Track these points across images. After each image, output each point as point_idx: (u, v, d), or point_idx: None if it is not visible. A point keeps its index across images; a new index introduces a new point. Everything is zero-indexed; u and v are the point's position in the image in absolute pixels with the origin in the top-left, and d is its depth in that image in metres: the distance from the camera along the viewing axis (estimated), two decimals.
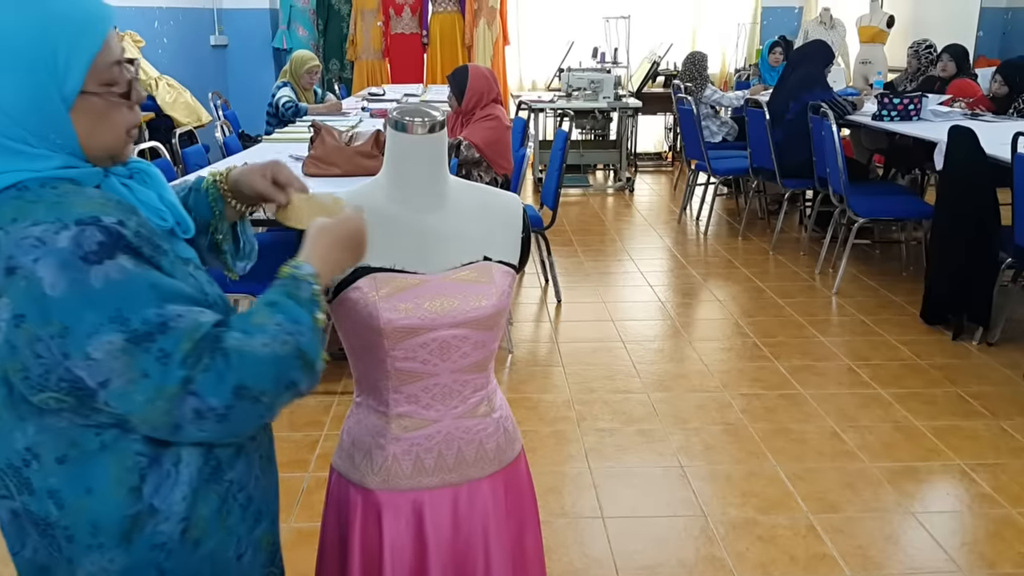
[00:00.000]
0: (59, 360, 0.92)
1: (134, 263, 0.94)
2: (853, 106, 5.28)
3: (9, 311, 0.91)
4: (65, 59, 0.97)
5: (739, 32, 9.15)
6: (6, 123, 0.96)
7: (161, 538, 1.03)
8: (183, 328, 0.95)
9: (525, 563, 1.45)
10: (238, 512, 1.11)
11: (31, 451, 0.98)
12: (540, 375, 3.66)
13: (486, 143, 3.91)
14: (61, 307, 0.91)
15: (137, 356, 0.92)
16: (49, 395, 0.94)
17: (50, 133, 0.98)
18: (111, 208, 0.97)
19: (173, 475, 1.03)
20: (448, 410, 1.32)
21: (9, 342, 0.92)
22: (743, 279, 4.99)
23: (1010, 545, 2.46)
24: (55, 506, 1.00)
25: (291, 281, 1.05)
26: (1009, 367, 3.67)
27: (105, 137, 1.03)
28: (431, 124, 1.25)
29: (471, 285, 1.28)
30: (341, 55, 8.82)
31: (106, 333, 0.91)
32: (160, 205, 1.06)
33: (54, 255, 0.91)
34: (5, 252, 0.92)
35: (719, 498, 2.71)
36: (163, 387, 0.93)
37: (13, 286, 0.91)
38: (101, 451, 0.99)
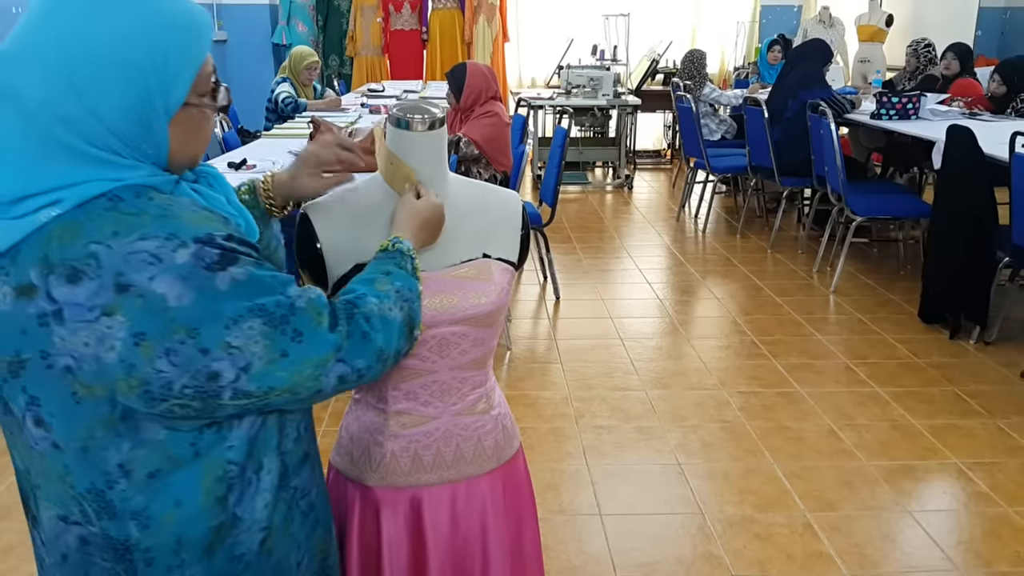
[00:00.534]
0: (196, 360, 0.91)
1: (251, 263, 0.96)
2: (852, 104, 5.28)
3: (125, 330, 0.89)
4: (176, 69, 0.95)
5: (738, 30, 9.15)
6: (100, 132, 0.92)
7: (241, 549, 1.03)
8: (307, 307, 0.97)
9: (523, 560, 1.45)
10: (299, 519, 1.11)
11: (123, 468, 0.96)
12: (538, 372, 3.67)
13: (485, 140, 3.91)
14: (190, 314, 0.90)
15: (275, 338, 0.94)
16: (173, 403, 0.93)
17: (143, 144, 0.95)
18: (216, 222, 0.96)
19: (255, 483, 1.03)
20: (447, 407, 1.32)
21: (125, 361, 0.90)
22: (741, 277, 4.99)
23: (1006, 544, 2.47)
24: (138, 527, 0.98)
25: (398, 255, 1.13)
26: (1006, 366, 3.67)
27: (194, 148, 1.02)
28: (431, 121, 1.25)
29: (470, 282, 1.28)
30: (341, 51, 8.81)
31: (245, 320, 0.92)
32: (230, 209, 1.06)
33: (172, 271, 0.89)
34: (112, 268, 0.88)
35: (716, 496, 2.71)
36: (309, 359, 0.96)
37: (128, 304, 0.89)
38: (195, 460, 0.98)
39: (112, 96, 0.92)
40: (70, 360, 0.91)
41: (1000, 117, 5.19)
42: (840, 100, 5.19)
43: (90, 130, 0.92)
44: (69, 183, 0.92)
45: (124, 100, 0.92)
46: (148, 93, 0.93)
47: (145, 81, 0.93)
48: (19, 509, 2.68)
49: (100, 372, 0.90)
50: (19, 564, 2.36)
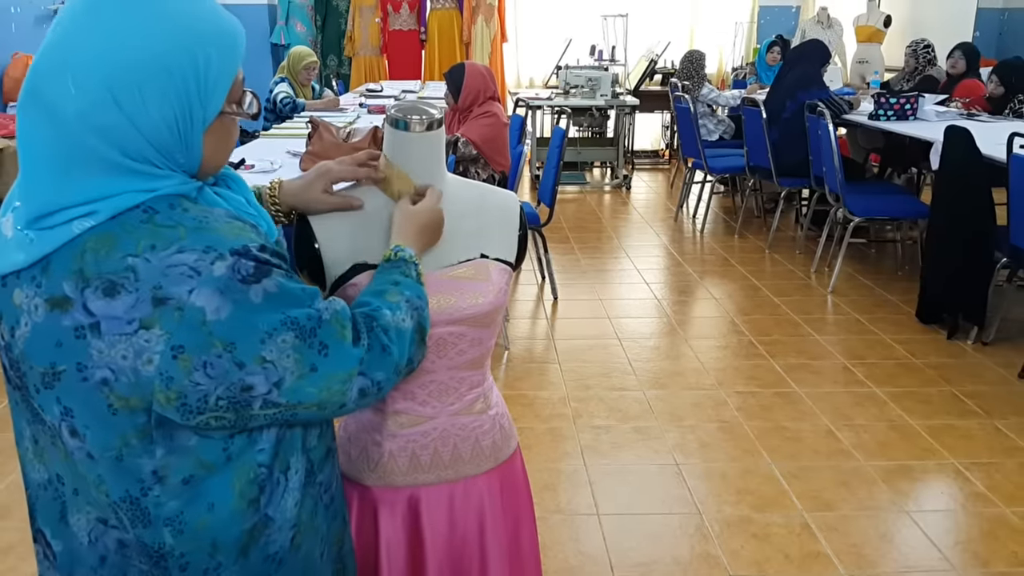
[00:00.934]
0: (231, 373, 0.92)
1: (282, 275, 0.96)
2: (850, 105, 5.29)
3: (164, 343, 0.89)
4: (215, 79, 0.95)
5: (736, 31, 9.15)
6: (137, 142, 0.92)
7: (274, 547, 1.04)
8: (332, 319, 0.99)
9: (521, 560, 1.45)
10: (323, 512, 1.13)
11: (157, 474, 0.96)
12: (536, 372, 3.67)
13: (483, 140, 3.91)
14: (228, 327, 0.91)
15: (304, 352, 0.96)
16: (209, 416, 0.94)
17: (177, 153, 0.95)
18: (250, 232, 0.96)
19: (283, 483, 1.04)
20: (444, 407, 1.32)
21: (164, 374, 0.90)
22: (739, 277, 5.00)
23: (1004, 544, 2.47)
24: (172, 533, 0.98)
25: (402, 263, 1.15)
26: (1004, 366, 3.68)
27: (223, 156, 1.02)
28: (429, 122, 1.25)
29: (468, 282, 1.28)
30: (339, 51, 8.81)
31: (279, 333, 0.93)
32: (251, 210, 1.06)
33: (211, 284, 0.89)
34: (150, 282, 0.89)
35: (714, 496, 2.72)
36: (336, 373, 0.98)
37: (166, 317, 0.89)
38: (227, 464, 0.99)
39: (153, 106, 0.91)
40: (107, 372, 0.91)
41: (997, 118, 5.20)
42: (838, 101, 5.20)
43: (127, 140, 0.91)
44: (103, 195, 0.91)
45: (164, 110, 0.92)
46: (188, 103, 0.93)
47: (187, 91, 0.93)
48: (20, 509, 2.69)
49: (138, 384, 0.91)
50: (19, 564, 2.36)
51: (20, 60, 5.20)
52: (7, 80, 5.18)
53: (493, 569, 1.37)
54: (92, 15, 0.91)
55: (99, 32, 0.90)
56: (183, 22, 0.93)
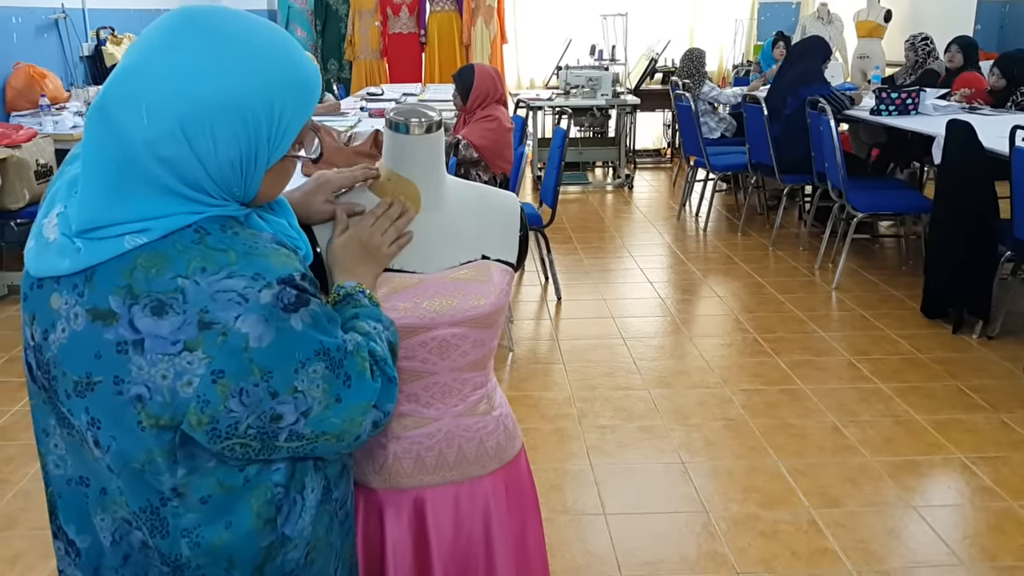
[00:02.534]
0: (264, 402, 0.93)
1: (318, 304, 0.98)
2: (851, 101, 5.28)
3: (205, 367, 0.90)
4: (287, 126, 0.96)
5: (736, 28, 9.15)
6: (199, 176, 0.92)
7: (290, 565, 1.05)
8: (355, 351, 1.01)
9: (528, 560, 1.45)
10: (338, 528, 1.13)
11: (176, 491, 0.97)
12: (541, 373, 3.67)
13: (485, 143, 3.91)
14: (268, 355, 0.92)
15: (332, 382, 0.97)
16: (235, 442, 0.95)
17: (236, 188, 0.96)
18: (295, 261, 0.98)
19: (300, 502, 1.05)
20: (448, 408, 1.32)
21: (201, 397, 0.91)
22: (743, 275, 4.99)
23: (1011, 538, 2.47)
24: (189, 546, 0.99)
25: (348, 298, 1.14)
26: (1009, 360, 3.67)
27: (278, 191, 1.05)
28: (428, 124, 1.26)
29: (469, 284, 1.28)
30: (339, 55, 8.82)
31: (312, 364, 0.95)
32: (292, 234, 1.07)
33: (257, 311, 0.91)
34: (198, 305, 0.90)
35: (720, 494, 2.72)
36: (358, 404, 1.00)
37: (210, 341, 0.90)
38: (244, 487, 0.99)
39: (222, 147, 0.92)
40: (143, 390, 0.92)
41: (1000, 111, 5.19)
42: (839, 96, 5.19)
43: (190, 173, 0.92)
44: (157, 215, 0.92)
45: (232, 152, 0.93)
46: (256, 147, 0.94)
47: (258, 136, 0.94)
48: (26, 517, 2.70)
49: (172, 405, 0.92)
50: (27, 572, 2.37)
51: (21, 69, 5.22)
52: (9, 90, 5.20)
53: (499, 570, 1.37)
54: (175, 46, 0.91)
55: (179, 66, 0.90)
56: (265, 66, 0.93)
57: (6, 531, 2.54)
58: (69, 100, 5.52)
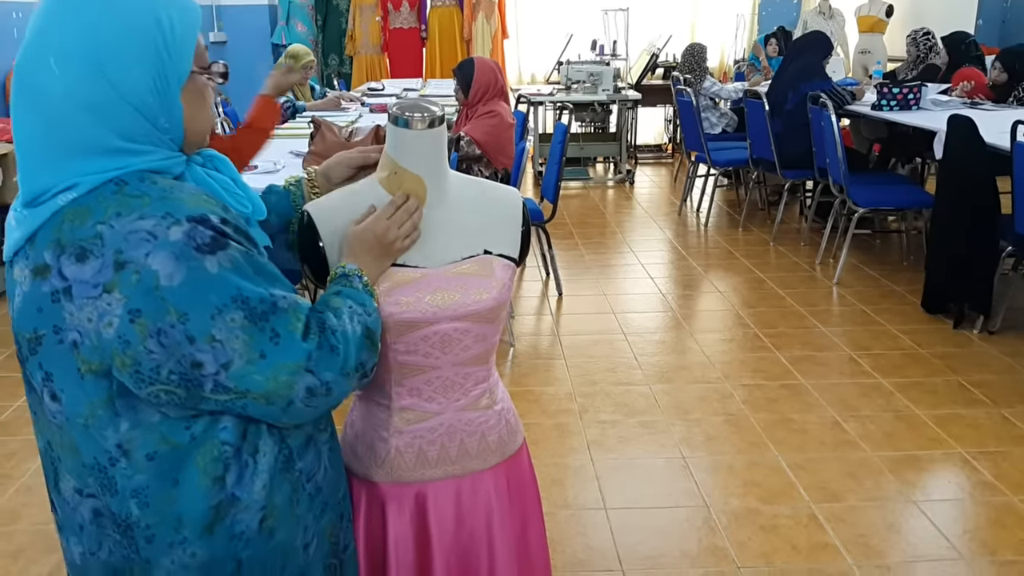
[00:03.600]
0: (183, 346, 0.95)
1: (241, 252, 0.99)
2: (853, 96, 5.28)
3: (123, 307, 0.94)
4: (181, 37, 1.01)
5: (738, 23, 9.13)
6: (124, 111, 0.98)
7: (240, 527, 1.06)
8: (287, 308, 1.01)
9: (529, 555, 1.46)
10: (306, 501, 1.13)
11: (121, 448, 1.00)
12: (542, 368, 3.67)
13: (486, 139, 3.91)
14: (180, 295, 0.94)
15: (255, 336, 0.98)
16: (160, 388, 0.97)
17: (162, 117, 1.01)
18: (214, 205, 1.00)
19: (252, 465, 1.06)
20: (450, 403, 1.33)
21: (122, 337, 0.95)
22: (744, 270, 4.99)
23: (1012, 532, 2.47)
24: (138, 505, 1.02)
25: (342, 278, 1.16)
26: (1010, 355, 3.67)
27: (203, 121, 1.08)
28: (431, 119, 1.26)
29: (471, 279, 1.28)
30: (340, 50, 8.82)
31: (229, 311, 0.96)
32: (237, 190, 1.11)
33: (167, 248, 0.94)
34: (113, 246, 0.94)
35: (721, 488, 2.72)
36: (285, 364, 1.00)
37: (125, 281, 0.93)
38: (191, 444, 1.02)
39: (134, 69, 0.97)
40: (76, 335, 0.96)
41: (1001, 106, 5.18)
42: (841, 92, 5.19)
43: (114, 111, 0.98)
44: (86, 173, 0.98)
45: (143, 71, 0.98)
46: (161, 61, 0.99)
47: (157, 49, 0.99)
48: (28, 512, 2.71)
49: (100, 348, 0.96)
50: (29, 566, 2.38)
51: None
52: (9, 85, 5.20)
53: (501, 563, 1.37)
54: (61, 4, 0.99)
55: (71, 15, 0.97)
56: None
57: (8, 526, 2.55)
58: None
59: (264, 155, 3.93)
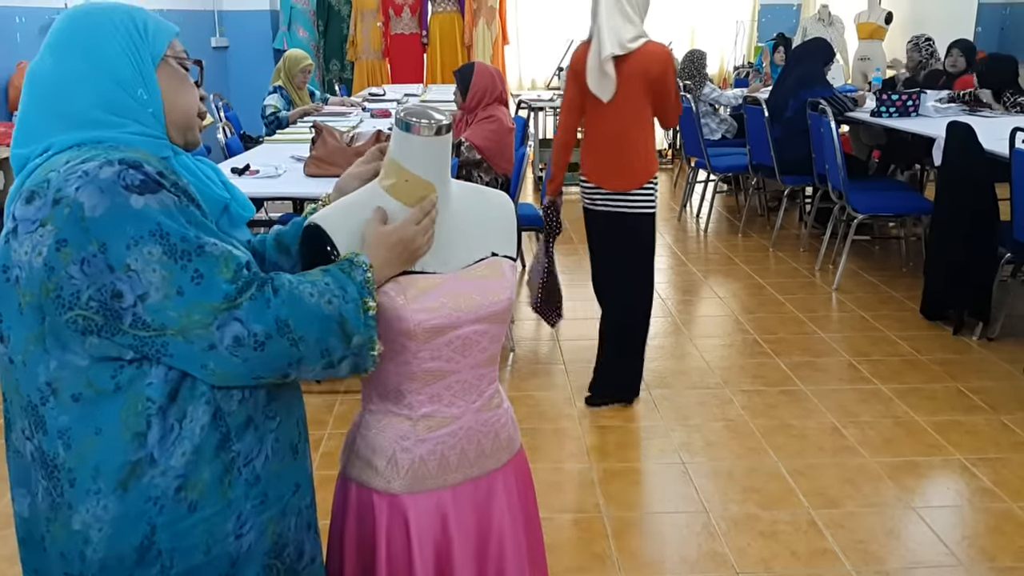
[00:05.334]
0: (104, 275, 0.99)
1: (173, 200, 1.04)
2: (854, 102, 5.29)
3: (52, 237, 1.00)
4: (154, 29, 1.14)
5: (738, 30, 9.16)
6: (103, 83, 1.09)
7: (156, 491, 1.06)
8: (218, 255, 1.04)
9: (531, 549, 1.49)
10: (242, 487, 1.12)
11: (50, 386, 1.05)
12: (542, 373, 3.68)
13: (487, 144, 3.92)
14: (100, 224, 0.99)
15: (174, 272, 1.01)
16: (78, 312, 1.01)
17: (139, 89, 1.11)
18: (156, 163, 1.07)
19: (176, 430, 1.07)
20: (468, 405, 1.35)
21: (48, 264, 1.00)
22: (743, 276, 5.00)
23: (1011, 539, 2.47)
24: (63, 446, 1.06)
25: (347, 263, 1.16)
26: (1009, 362, 3.68)
27: (184, 100, 1.17)
28: (438, 126, 1.26)
29: (487, 281, 1.31)
30: (341, 56, 8.83)
31: (145, 244, 1.00)
32: (221, 186, 1.19)
33: (95, 183, 1.00)
34: (55, 187, 1.02)
35: (720, 494, 2.72)
36: (200, 302, 1.02)
37: (57, 214, 1.00)
38: (115, 393, 1.05)
39: (107, 44, 1.10)
40: (18, 270, 1.03)
41: (1000, 112, 5.19)
42: (842, 99, 5.20)
43: (94, 81, 1.09)
44: (65, 143, 1.08)
45: (117, 45, 1.10)
46: (135, 42, 1.12)
47: (130, 33, 1.12)
48: None
49: (32, 278, 1.02)
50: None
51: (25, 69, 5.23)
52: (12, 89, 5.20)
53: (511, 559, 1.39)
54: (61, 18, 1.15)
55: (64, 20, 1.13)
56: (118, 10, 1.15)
57: (6, 530, 2.55)
58: None
59: (265, 160, 3.94)
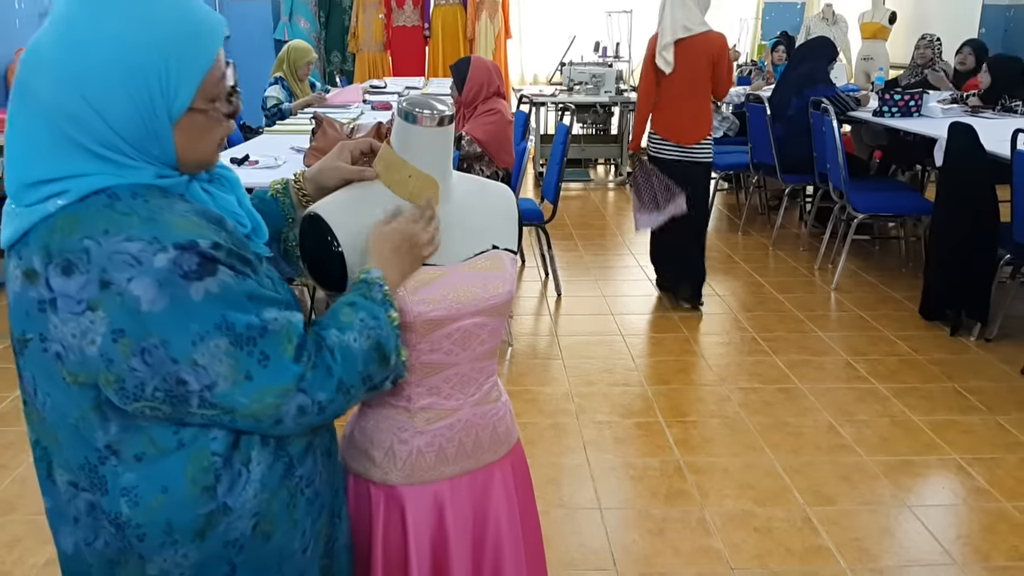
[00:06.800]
0: (166, 365, 0.94)
1: (231, 276, 0.98)
2: (857, 102, 5.28)
3: (106, 325, 0.93)
4: (177, 76, 0.98)
5: (742, 28, 9.14)
6: (107, 133, 0.97)
7: (234, 534, 1.05)
8: (279, 330, 1.00)
9: (529, 543, 1.49)
10: (304, 506, 1.13)
11: (110, 448, 1.00)
12: (540, 368, 3.68)
13: (488, 137, 3.91)
14: (161, 321, 0.93)
15: (241, 360, 0.97)
16: (144, 404, 0.97)
17: (149, 146, 0.99)
18: (205, 229, 0.98)
19: (244, 474, 1.05)
20: (467, 398, 1.35)
21: (105, 356, 0.94)
22: (743, 274, 5.00)
23: (1004, 538, 2.48)
24: (128, 504, 1.01)
25: (363, 285, 1.14)
26: (1006, 363, 3.68)
27: (202, 151, 1.05)
28: (440, 117, 1.25)
29: (487, 273, 1.31)
30: (343, 47, 8.82)
31: (211, 338, 0.95)
32: (239, 210, 1.09)
33: (150, 275, 0.92)
34: (98, 265, 0.93)
35: (716, 490, 2.73)
36: (272, 386, 0.99)
37: (108, 301, 0.93)
38: (178, 450, 1.01)
39: (117, 101, 0.96)
40: (60, 348, 0.96)
41: (1002, 114, 5.18)
42: (844, 98, 5.19)
43: (97, 131, 0.96)
44: (75, 173, 0.97)
45: (128, 105, 0.96)
46: (151, 99, 0.97)
47: (148, 87, 0.96)
48: (24, 502, 2.71)
49: (84, 363, 0.96)
50: (25, 555, 2.38)
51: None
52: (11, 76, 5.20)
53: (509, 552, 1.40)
54: (69, 13, 0.97)
55: (73, 31, 0.96)
56: (149, 20, 0.96)
57: (4, 516, 2.55)
58: None
59: (265, 151, 3.94)
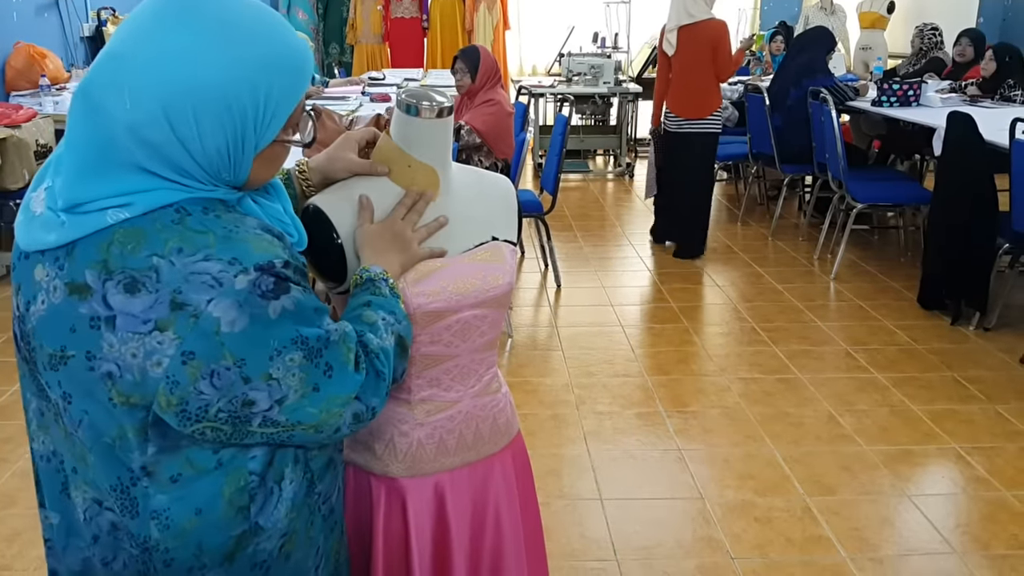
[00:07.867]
0: (236, 386, 0.92)
1: (300, 292, 0.96)
2: (856, 92, 5.27)
3: (176, 347, 0.89)
4: (273, 112, 0.95)
5: (740, 17, 9.11)
6: (185, 162, 0.92)
7: (262, 556, 1.03)
8: (338, 340, 0.99)
9: (529, 535, 1.49)
10: (320, 523, 1.11)
11: (145, 469, 0.96)
12: (540, 359, 3.68)
13: (487, 128, 3.91)
14: (240, 341, 0.90)
15: (310, 372, 0.96)
16: (206, 425, 0.94)
17: (224, 173, 0.95)
18: (277, 247, 0.95)
19: (277, 492, 1.03)
20: (467, 390, 1.35)
21: (171, 378, 0.90)
22: (742, 264, 5.00)
23: (1004, 527, 2.49)
24: (158, 528, 0.98)
25: (369, 283, 1.13)
26: (1005, 352, 3.69)
27: (269, 175, 1.02)
28: (440, 108, 1.25)
29: (487, 265, 1.31)
30: (341, 39, 8.79)
31: (288, 352, 0.94)
32: (286, 219, 1.06)
33: (231, 296, 0.89)
34: (171, 285, 0.88)
35: (716, 481, 2.73)
36: (338, 396, 0.98)
37: (181, 323, 0.89)
38: (216, 469, 0.98)
39: (207, 134, 0.91)
40: (113, 367, 0.91)
41: (1001, 103, 5.18)
42: (843, 88, 5.18)
43: (175, 160, 0.91)
44: (140, 189, 0.92)
45: (218, 138, 0.92)
46: (243, 133, 0.93)
47: (243, 121, 0.93)
48: (24, 496, 2.71)
49: (142, 384, 0.91)
50: (25, 549, 2.38)
51: (22, 49, 5.20)
52: (9, 69, 5.18)
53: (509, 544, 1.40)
54: (159, 29, 0.90)
55: (162, 50, 0.89)
56: (251, 50, 0.92)
57: (4, 510, 2.56)
58: (69, 80, 5.50)
59: None
